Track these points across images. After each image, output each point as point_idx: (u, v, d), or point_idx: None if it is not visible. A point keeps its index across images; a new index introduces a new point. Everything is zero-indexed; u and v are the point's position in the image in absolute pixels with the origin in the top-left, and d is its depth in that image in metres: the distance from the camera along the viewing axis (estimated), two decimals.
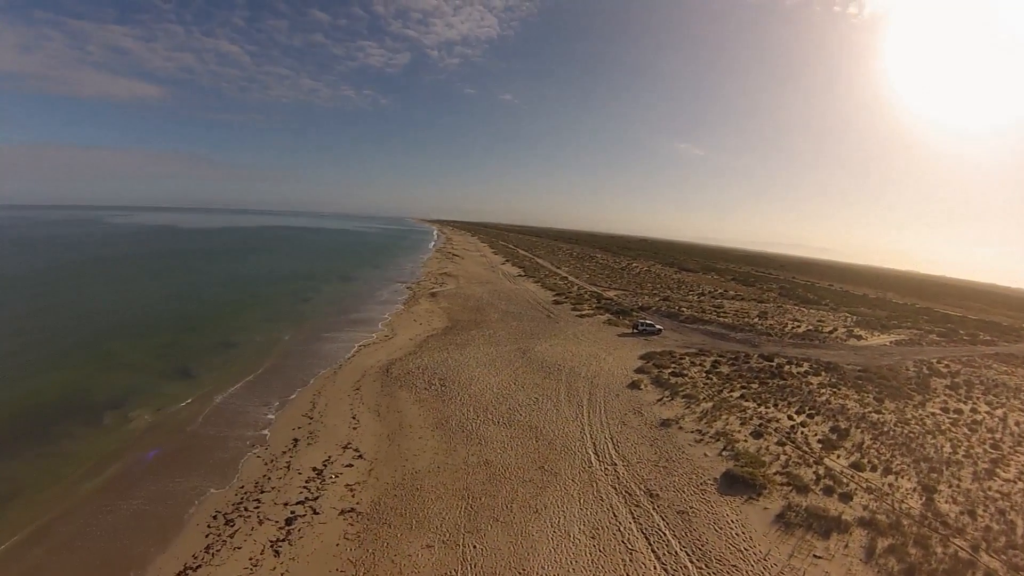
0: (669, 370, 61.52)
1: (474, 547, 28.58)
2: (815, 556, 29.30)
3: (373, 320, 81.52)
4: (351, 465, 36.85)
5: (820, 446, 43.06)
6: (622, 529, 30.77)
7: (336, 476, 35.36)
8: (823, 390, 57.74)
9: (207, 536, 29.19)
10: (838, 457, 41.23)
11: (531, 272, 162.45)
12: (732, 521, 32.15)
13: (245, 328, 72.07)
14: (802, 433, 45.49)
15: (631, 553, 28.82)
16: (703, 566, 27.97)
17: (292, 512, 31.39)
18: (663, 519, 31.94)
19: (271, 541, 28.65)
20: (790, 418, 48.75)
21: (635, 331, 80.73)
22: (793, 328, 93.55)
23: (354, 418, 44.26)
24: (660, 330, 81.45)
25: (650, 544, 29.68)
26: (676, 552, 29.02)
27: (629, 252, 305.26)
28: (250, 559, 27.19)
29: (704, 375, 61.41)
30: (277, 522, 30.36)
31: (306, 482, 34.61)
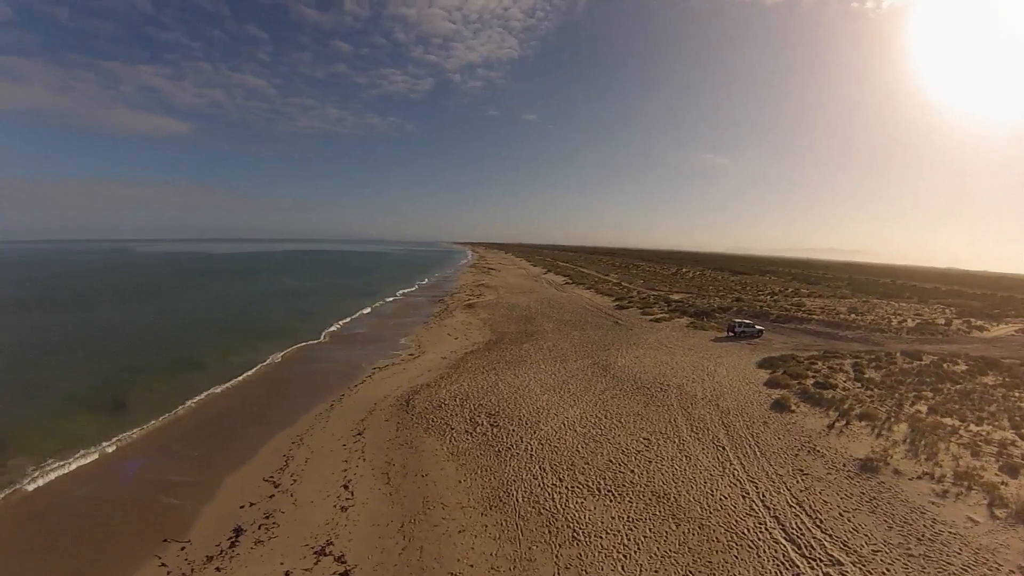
0: (810, 380, 43.70)
1: None
2: None
3: (394, 336, 63.47)
4: None
5: None
6: None
7: None
8: (1015, 393, 40.84)
9: None
10: None
11: (578, 280, 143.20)
12: None
13: (226, 347, 54.87)
14: None
15: None
16: None
17: None
18: None
19: None
20: (1022, 437, 32.13)
21: (731, 334, 64.14)
22: (900, 322, 76.22)
23: (346, 487, 25.68)
24: (761, 331, 64.42)
25: None
26: None
27: (671, 261, 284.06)
28: None
29: (856, 383, 43.74)
30: None
31: None
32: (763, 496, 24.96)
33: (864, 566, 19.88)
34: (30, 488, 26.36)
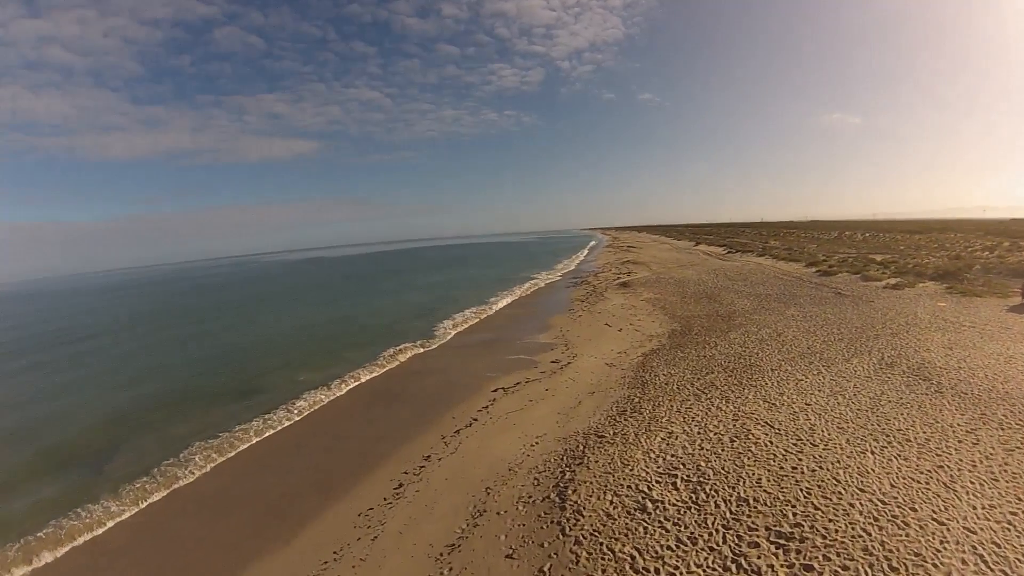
0: None
1: None
2: None
3: (528, 332, 44.43)
4: None
5: None
6: None
7: None
8: None
9: None
10: None
11: (741, 248, 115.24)
12: None
13: (296, 362, 39.84)
14: None
15: None
16: None
17: None
18: None
19: None
20: None
21: None
22: None
23: None
24: None
25: None
26: None
27: (820, 228, 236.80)
28: None
29: None
30: None
31: None
32: None
33: None
34: None
